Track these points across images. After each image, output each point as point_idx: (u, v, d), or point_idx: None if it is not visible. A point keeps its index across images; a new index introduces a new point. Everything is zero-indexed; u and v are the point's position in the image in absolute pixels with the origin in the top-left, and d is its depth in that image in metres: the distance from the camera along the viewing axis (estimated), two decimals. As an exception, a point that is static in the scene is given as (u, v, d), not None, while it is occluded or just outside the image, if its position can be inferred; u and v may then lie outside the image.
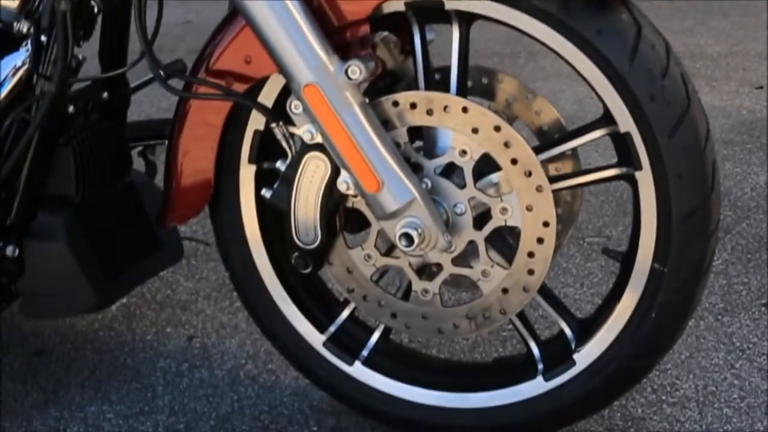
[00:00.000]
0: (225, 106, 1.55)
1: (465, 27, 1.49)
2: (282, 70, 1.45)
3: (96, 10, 1.66)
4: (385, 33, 1.59)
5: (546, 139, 1.58)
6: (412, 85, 1.55)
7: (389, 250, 1.56)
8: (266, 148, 1.59)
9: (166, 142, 1.61)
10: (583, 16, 1.39)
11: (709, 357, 1.84)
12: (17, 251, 1.67)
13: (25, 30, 1.61)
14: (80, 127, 1.70)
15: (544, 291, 1.56)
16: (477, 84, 1.60)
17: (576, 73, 1.45)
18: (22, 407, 1.81)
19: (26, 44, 1.63)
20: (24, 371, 1.93)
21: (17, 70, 1.64)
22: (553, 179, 1.48)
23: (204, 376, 1.88)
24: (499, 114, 1.54)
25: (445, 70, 1.55)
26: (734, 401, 1.71)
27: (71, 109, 1.68)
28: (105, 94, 1.76)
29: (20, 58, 1.64)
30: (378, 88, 1.56)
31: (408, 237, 1.44)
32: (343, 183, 1.47)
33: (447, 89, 1.52)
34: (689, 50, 3.91)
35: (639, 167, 1.43)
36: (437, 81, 1.55)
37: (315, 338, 1.65)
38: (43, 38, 1.62)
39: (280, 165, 1.52)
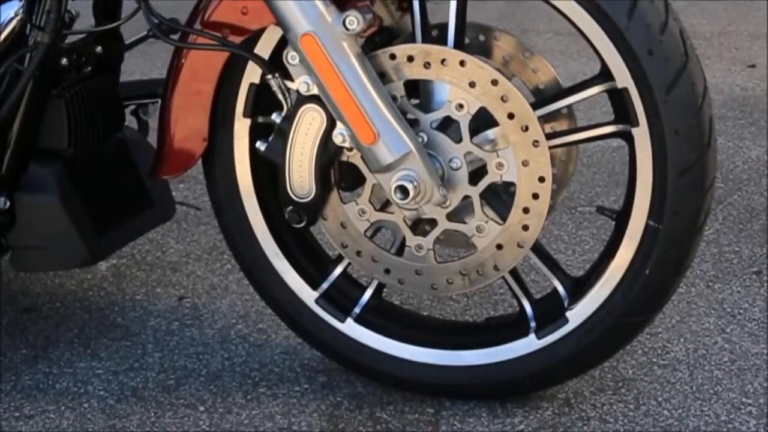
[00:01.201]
0: (220, 59, 1.54)
1: (463, -16, 1.48)
2: (279, 20, 1.44)
3: None
4: (383, -12, 1.58)
5: (543, 97, 1.57)
6: (409, 41, 1.54)
7: (384, 205, 1.55)
8: (261, 102, 1.58)
9: (160, 98, 1.61)
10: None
11: (700, 322, 1.85)
12: (8, 203, 1.66)
13: (23, -18, 1.60)
14: (73, 80, 1.69)
15: (538, 249, 1.56)
16: (474, 41, 1.59)
17: (570, 40, 1.45)
18: (11, 362, 1.80)
19: (21, -5, 1.62)
20: (13, 328, 1.92)
21: (11, 20, 1.63)
22: (549, 136, 1.47)
23: (194, 335, 1.88)
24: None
25: (443, 27, 1.54)
26: (725, 364, 1.72)
27: (64, 61, 1.67)
28: (99, 48, 1.74)
29: (14, 8, 1.63)
30: (375, 45, 1.56)
31: (403, 189, 1.44)
32: (339, 135, 1.46)
33: (445, 45, 1.52)
34: (682, 29, 3.91)
35: (636, 124, 1.43)
36: (434, 37, 1.54)
37: (307, 294, 1.64)
38: None
39: (276, 117, 1.51)
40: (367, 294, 1.64)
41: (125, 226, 1.79)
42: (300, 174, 1.50)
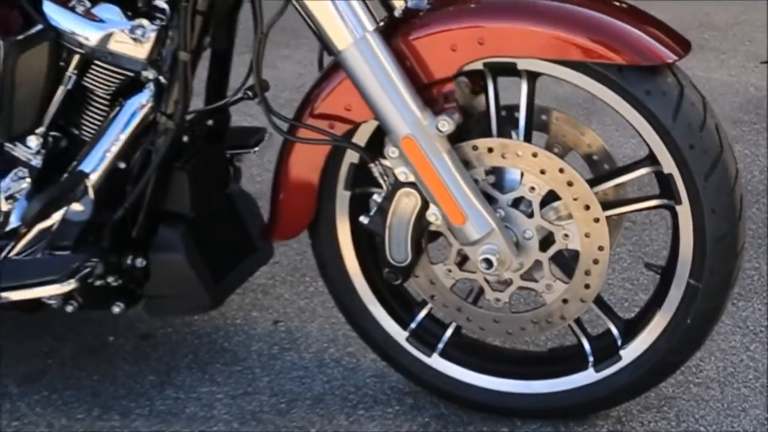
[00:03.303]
0: (326, 146, 1.83)
1: (532, 82, 1.77)
2: (381, 122, 1.73)
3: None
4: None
5: (596, 168, 1.86)
6: (480, 120, 1.83)
7: (465, 263, 1.85)
8: (359, 176, 1.88)
9: (273, 174, 1.90)
10: (635, 79, 1.67)
11: (727, 340, 2.15)
12: (144, 262, 1.96)
13: (151, 77, 1.88)
14: (191, 152, 1.98)
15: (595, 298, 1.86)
16: (537, 120, 1.87)
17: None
18: (141, 387, 2.12)
19: (149, 87, 1.90)
20: (135, 354, 2.23)
21: (142, 107, 1.91)
22: (606, 206, 1.77)
23: (294, 359, 2.19)
24: (555, 145, 1.84)
25: (510, 108, 1.83)
26: (750, 381, 2.03)
27: (185, 138, 1.96)
28: (210, 122, 2.03)
29: (144, 98, 1.91)
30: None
31: (488, 261, 1.74)
32: (432, 215, 1.76)
33: (512, 125, 1.81)
34: (698, 19, 4.16)
35: (679, 202, 1.73)
36: (504, 117, 1.83)
37: (399, 334, 1.96)
38: (164, 81, 1.89)
39: (376, 197, 1.80)
40: (449, 332, 1.95)
41: (237, 271, 2.09)
42: (397, 243, 1.80)
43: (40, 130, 1.93)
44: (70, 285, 1.87)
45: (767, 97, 3.36)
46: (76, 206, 1.89)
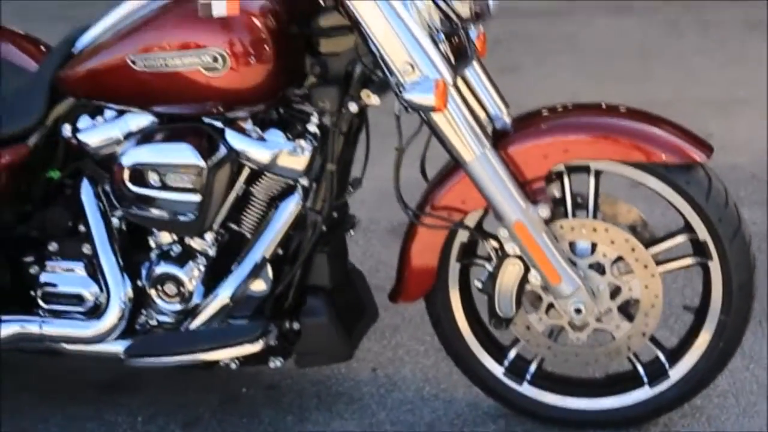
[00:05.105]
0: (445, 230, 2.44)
1: (598, 177, 2.40)
2: (495, 211, 2.34)
3: None
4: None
5: (639, 236, 2.49)
6: (559, 204, 2.44)
7: (550, 311, 2.46)
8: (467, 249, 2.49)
9: (400, 250, 2.49)
10: (677, 173, 2.33)
11: (733, 361, 2.79)
12: (297, 325, 2.53)
13: (306, 183, 2.46)
14: (328, 238, 2.55)
15: (647, 333, 2.50)
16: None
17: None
18: (285, 426, 2.66)
19: (299, 190, 2.47)
20: (269, 401, 2.77)
21: (295, 207, 2.48)
22: (658, 263, 2.40)
23: (400, 397, 2.75)
24: (607, 219, 2.48)
25: (578, 195, 2.45)
26: (755, 390, 2.67)
27: (324, 228, 2.53)
28: (335, 214, 2.61)
29: (296, 200, 2.48)
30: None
31: (578, 310, 2.36)
32: (534, 278, 2.38)
33: (581, 206, 2.43)
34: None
35: (711, 259, 2.38)
36: (578, 204, 2.45)
37: (497, 370, 2.56)
38: (308, 184, 2.46)
39: (488, 266, 2.41)
40: (535, 365, 2.56)
41: (359, 329, 2.66)
42: (505, 301, 2.40)
43: (215, 227, 2.49)
44: (258, 346, 2.43)
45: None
46: (256, 283, 2.46)
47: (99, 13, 2.51)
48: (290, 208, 2.47)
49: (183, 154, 2.37)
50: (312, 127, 2.42)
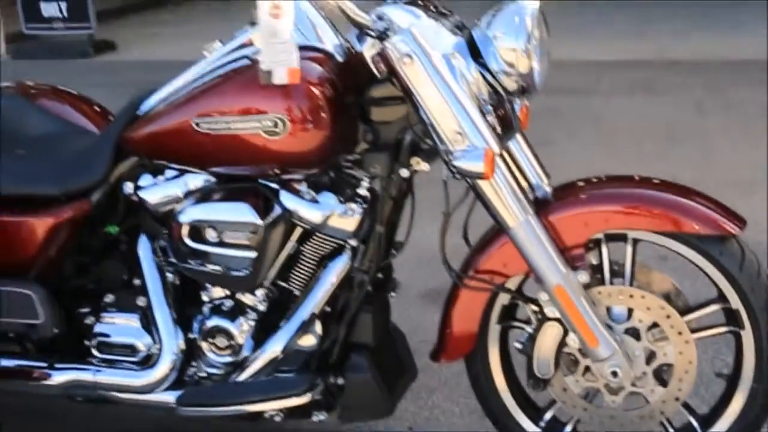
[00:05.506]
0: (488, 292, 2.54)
1: (635, 246, 2.51)
2: (537, 275, 2.45)
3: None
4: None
5: (672, 304, 2.59)
6: (595, 269, 2.54)
7: (587, 373, 2.55)
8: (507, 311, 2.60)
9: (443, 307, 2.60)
10: (711, 243, 2.43)
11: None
12: (341, 380, 2.62)
13: (354, 244, 2.57)
14: (372, 297, 2.66)
15: (680, 398, 2.58)
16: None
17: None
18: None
19: (347, 251, 2.58)
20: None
21: (343, 267, 2.59)
22: (692, 331, 2.49)
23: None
24: (641, 287, 2.58)
25: (614, 262, 2.56)
26: None
27: (369, 288, 2.64)
28: (379, 274, 2.72)
29: (345, 260, 2.59)
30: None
31: (615, 373, 2.46)
32: (573, 341, 2.47)
33: (617, 274, 2.53)
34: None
35: (743, 328, 2.47)
36: (615, 271, 2.56)
37: (533, 431, 2.64)
38: (356, 244, 2.57)
39: (528, 328, 2.51)
40: (569, 427, 2.64)
41: (399, 386, 2.75)
42: (543, 362, 2.50)
43: (266, 283, 2.60)
44: (305, 399, 2.52)
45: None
46: (305, 339, 2.56)
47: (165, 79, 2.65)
48: (339, 267, 2.58)
49: (241, 212, 2.50)
50: (362, 191, 2.54)
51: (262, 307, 2.62)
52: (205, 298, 2.65)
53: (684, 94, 6.56)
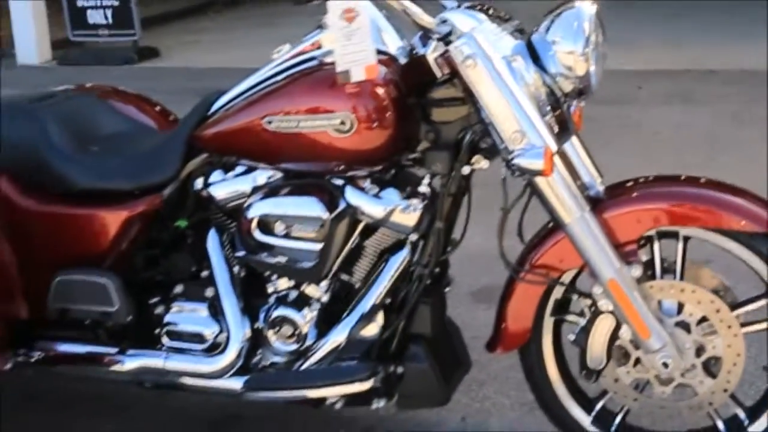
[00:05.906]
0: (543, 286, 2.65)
1: (686, 242, 2.61)
2: (591, 269, 2.55)
3: None
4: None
5: (723, 299, 2.68)
6: (646, 265, 2.64)
7: (638, 365, 2.65)
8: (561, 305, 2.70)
9: (500, 300, 2.70)
10: (761, 240, 2.53)
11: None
12: (401, 369, 2.74)
13: (414, 239, 2.68)
14: (430, 291, 2.77)
15: (727, 390, 2.68)
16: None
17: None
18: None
19: (408, 246, 2.70)
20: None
21: (403, 261, 2.71)
22: (741, 325, 2.59)
23: (492, 442, 2.97)
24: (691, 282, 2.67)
25: (665, 259, 2.66)
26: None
27: (428, 281, 2.75)
28: (437, 269, 2.83)
29: (405, 254, 2.70)
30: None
31: (665, 364, 2.55)
32: (625, 333, 2.58)
33: (667, 270, 2.63)
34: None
35: (789, 322, 2.58)
36: (664, 268, 2.66)
37: (585, 420, 2.74)
38: (416, 240, 2.69)
39: (581, 321, 2.62)
40: (620, 417, 2.74)
41: (455, 377, 2.86)
42: (596, 354, 2.60)
43: (329, 275, 2.72)
44: (367, 385, 2.64)
45: None
46: (367, 328, 2.68)
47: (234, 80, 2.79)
48: (399, 261, 2.70)
49: (309, 206, 2.62)
50: (423, 188, 2.66)
51: (325, 298, 2.74)
52: (270, 289, 2.77)
53: (722, 104, 6.62)
